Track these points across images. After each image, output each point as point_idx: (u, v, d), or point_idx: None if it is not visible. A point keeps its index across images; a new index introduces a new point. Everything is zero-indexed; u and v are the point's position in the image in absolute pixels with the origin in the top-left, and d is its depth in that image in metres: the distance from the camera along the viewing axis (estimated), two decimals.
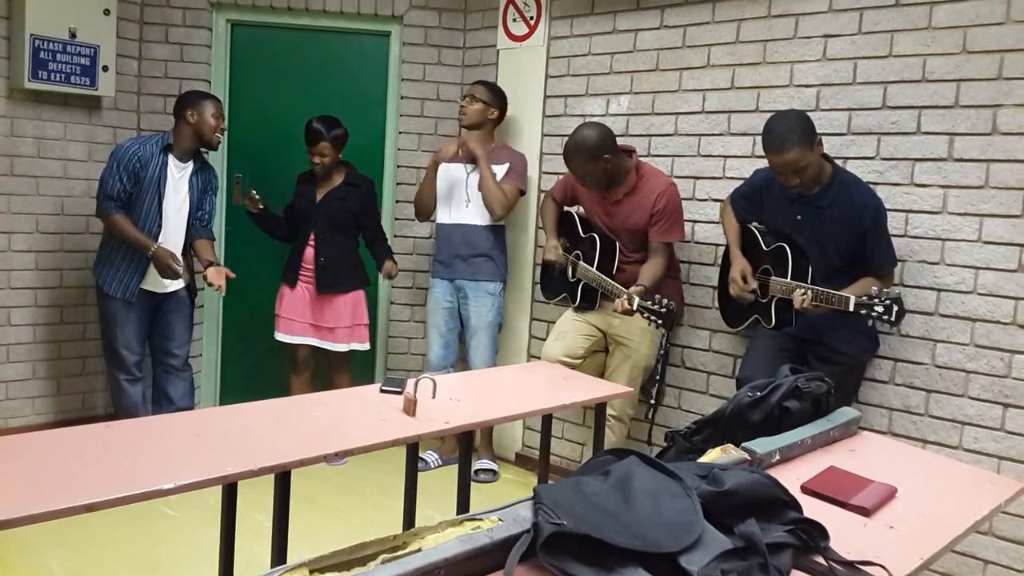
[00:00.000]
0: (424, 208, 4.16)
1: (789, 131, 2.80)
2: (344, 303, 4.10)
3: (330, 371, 4.21)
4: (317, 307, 4.09)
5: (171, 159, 3.73)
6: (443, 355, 4.12)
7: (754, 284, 3.12)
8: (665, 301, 3.04)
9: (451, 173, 4.07)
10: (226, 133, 4.31)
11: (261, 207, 4.06)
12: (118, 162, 3.63)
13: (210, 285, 3.73)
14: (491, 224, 4.03)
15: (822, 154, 2.91)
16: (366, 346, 4.21)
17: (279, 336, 4.14)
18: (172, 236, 3.77)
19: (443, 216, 4.10)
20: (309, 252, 4.08)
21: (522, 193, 4.03)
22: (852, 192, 2.91)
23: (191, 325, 4.03)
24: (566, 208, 3.85)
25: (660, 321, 3.05)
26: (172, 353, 3.92)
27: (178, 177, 3.77)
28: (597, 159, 3.35)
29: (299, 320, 4.10)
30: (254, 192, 4.04)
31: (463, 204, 4.04)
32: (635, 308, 3.10)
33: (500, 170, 3.96)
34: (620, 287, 3.28)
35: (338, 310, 4.10)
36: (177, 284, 3.83)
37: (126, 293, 3.72)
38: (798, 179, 2.86)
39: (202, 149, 3.86)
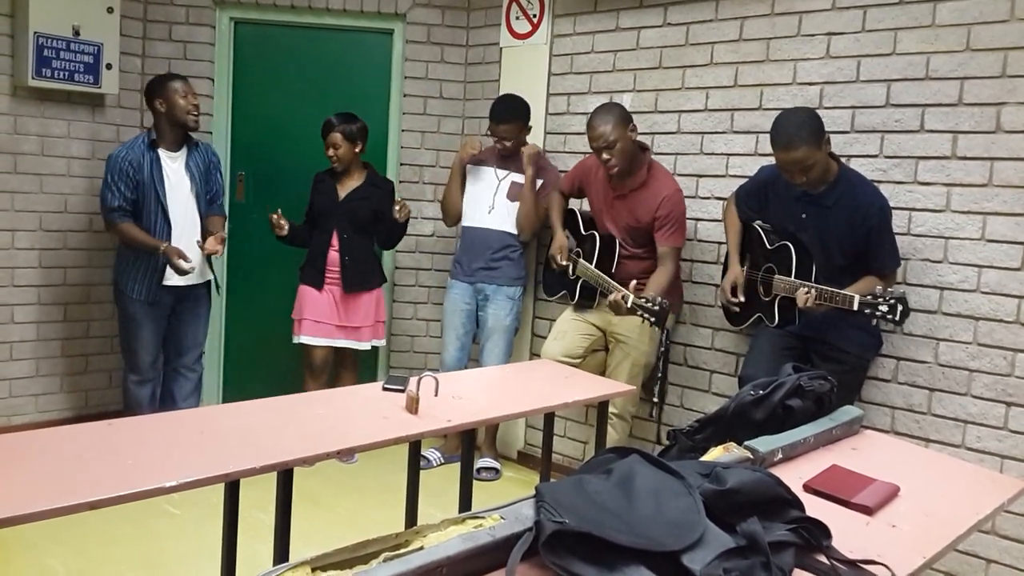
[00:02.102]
0: (452, 211, 4.13)
1: (798, 128, 2.79)
2: (368, 300, 4.12)
3: (341, 369, 4.20)
4: (343, 307, 4.07)
5: (162, 153, 3.69)
6: (459, 356, 4.11)
7: (741, 298, 3.16)
8: (659, 299, 3.06)
9: (481, 177, 4.05)
10: (229, 131, 4.29)
11: (286, 230, 3.94)
12: (111, 173, 3.61)
13: (202, 249, 3.71)
14: (513, 230, 4.01)
15: (829, 153, 2.91)
16: (383, 342, 4.25)
17: (304, 339, 4.04)
18: (185, 232, 3.72)
19: (467, 219, 4.09)
20: (333, 251, 4.04)
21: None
22: (857, 191, 2.90)
23: (206, 324, 4.01)
24: (570, 207, 3.84)
25: (653, 319, 3.07)
26: (183, 352, 3.92)
27: (175, 168, 3.73)
28: (628, 123, 3.38)
29: (325, 322, 4.05)
30: (274, 216, 3.92)
31: (487, 210, 4.02)
32: (629, 305, 3.12)
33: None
34: (617, 285, 3.28)
35: (362, 308, 4.11)
36: (196, 278, 3.78)
37: (148, 295, 3.70)
38: (804, 177, 2.85)
39: (189, 132, 3.78)
